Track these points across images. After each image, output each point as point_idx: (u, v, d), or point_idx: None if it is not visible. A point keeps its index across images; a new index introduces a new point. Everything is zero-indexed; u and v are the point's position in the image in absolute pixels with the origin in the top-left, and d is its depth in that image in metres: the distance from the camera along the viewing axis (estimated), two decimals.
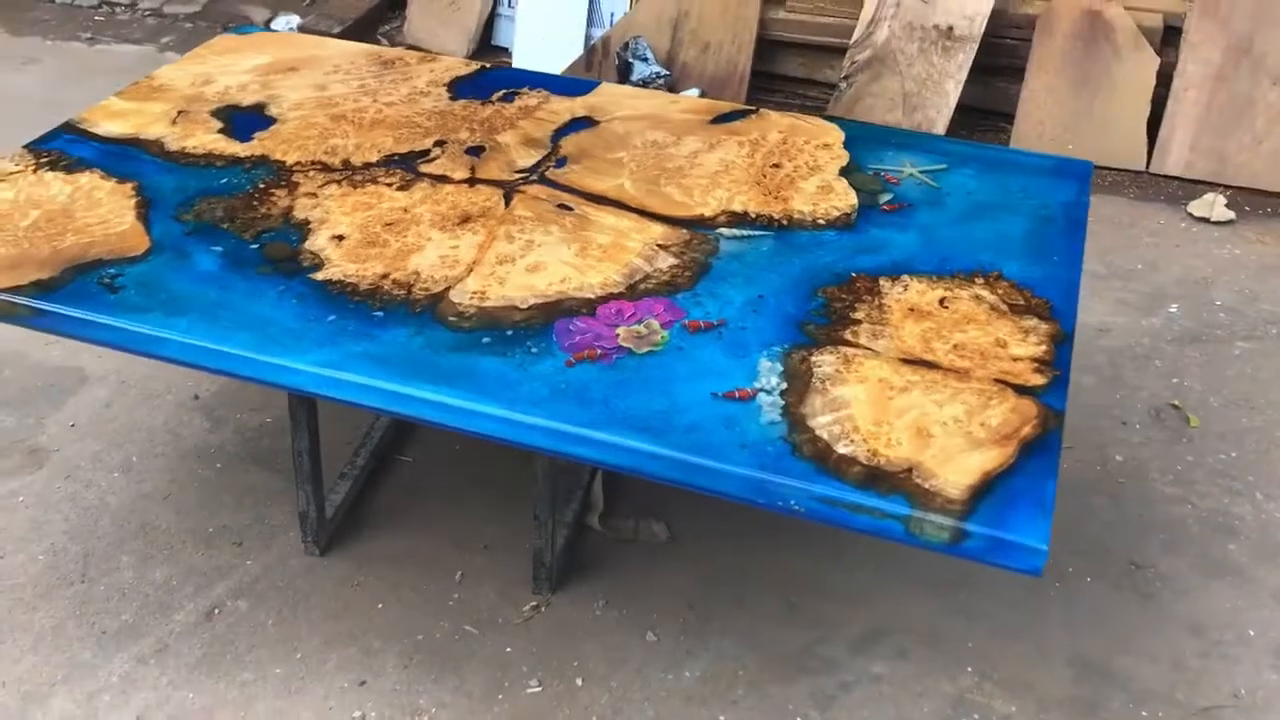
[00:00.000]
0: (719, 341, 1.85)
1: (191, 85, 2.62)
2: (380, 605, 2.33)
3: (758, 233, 2.14)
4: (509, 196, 2.22)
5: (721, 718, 2.14)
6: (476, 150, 2.38)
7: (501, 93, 2.62)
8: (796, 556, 2.46)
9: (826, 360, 1.80)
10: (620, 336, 1.85)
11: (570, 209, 2.19)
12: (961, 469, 1.59)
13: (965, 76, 4.24)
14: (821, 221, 2.18)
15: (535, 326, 1.88)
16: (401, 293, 1.94)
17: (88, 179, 2.25)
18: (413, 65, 2.75)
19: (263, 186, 2.23)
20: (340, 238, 2.08)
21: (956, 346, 1.84)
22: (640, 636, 2.29)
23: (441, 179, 2.28)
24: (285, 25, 4.97)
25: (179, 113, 2.49)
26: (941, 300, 1.95)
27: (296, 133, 2.43)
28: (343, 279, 1.97)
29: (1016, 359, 1.81)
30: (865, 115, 4.36)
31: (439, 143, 2.40)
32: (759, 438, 1.66)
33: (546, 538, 2.31)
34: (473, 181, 2.27)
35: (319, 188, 2.23)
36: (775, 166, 2.35)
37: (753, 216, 2.19)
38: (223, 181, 2.25)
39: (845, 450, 1.63)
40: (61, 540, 2.46)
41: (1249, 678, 2.23)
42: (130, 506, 2.55)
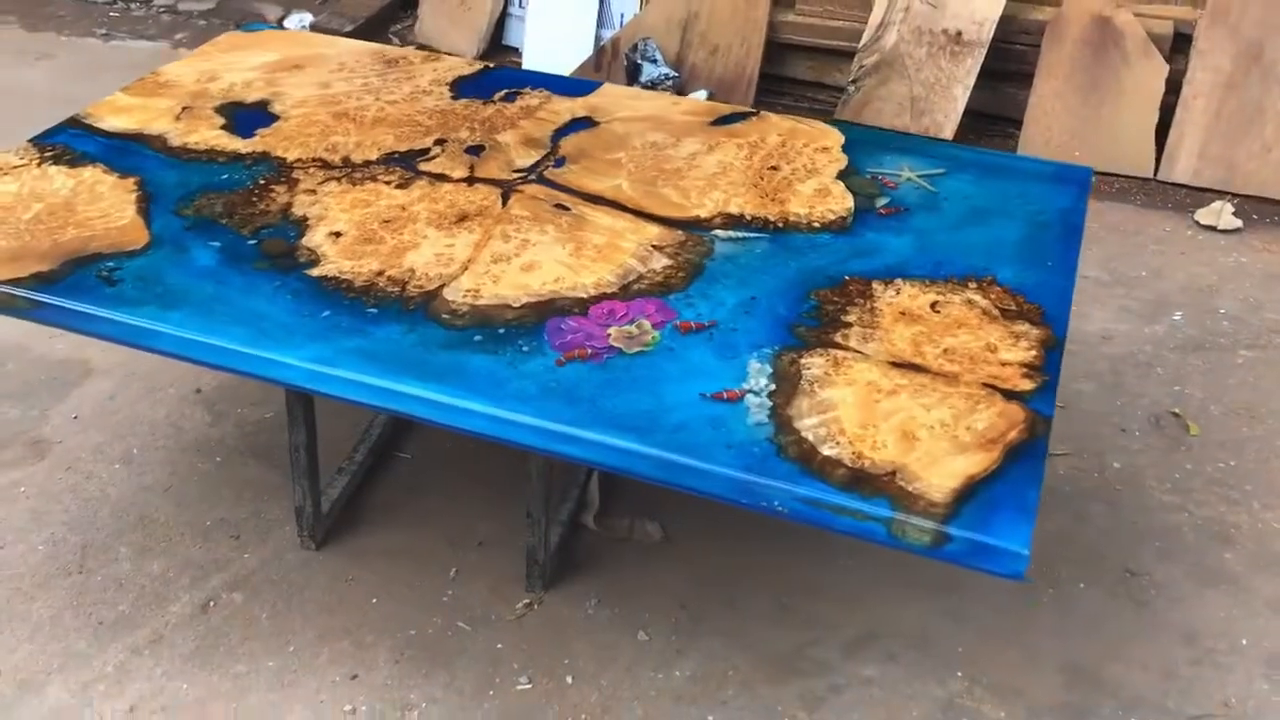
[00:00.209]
0: (710, 343, 1.86)
1: (197, 81, 2.64)
2: (374, 600, 2.35)
3: (753, 235, 2.15)
4: (506, 196, 2.24)
5: (710, 718, 2.14)
6: (476, 149, 2.39)
7: (503, 92, 2.63)
8: (791, 558, 2.46)
9: (816, 363, 1.81)
10: (611, 336, 1.86)
11: (567, 209, 2.20)
12: (945, 472, 1.60)
13: (973, 81, 4.24)
14: (817, 224, 2.19)
15: (527, 325, 1.89)
16: (396, 290, 1.95)
17: (90, 173, 2.27)
18: (416, 64, 2.77)
19: (263, 183, 2.25)
20: (337, 234, 2.10)
21: (946, 351, 1.84)
22: (631, 635, 2.29)
23: (440, 178, 2.29)
24: (298, 23, 5.00)
25: (183, 109, 2.51)
26: (933, 304, 1.95)
27: (298, 130, 2.44)
28: (338, 275, 1.99)
29: (1006, 364, 1.82)
30: (873, 119, 4.36)
31: (439, 141, 2.42)
32: (745, 439, 1.66)
33: (540, 536, 2.32)
34: (471, 180, 2.28)
35: (318, 184, 2.25)
36: (773, 169, 2.36)
37: (748, 219, 2.19)
38: (224, 177, 2.27)
39: (830, 452, 1.63)
40: (61, 531, 2.49)
41: (1240, 687, 2.22)
42: (130, 498, 2.58)
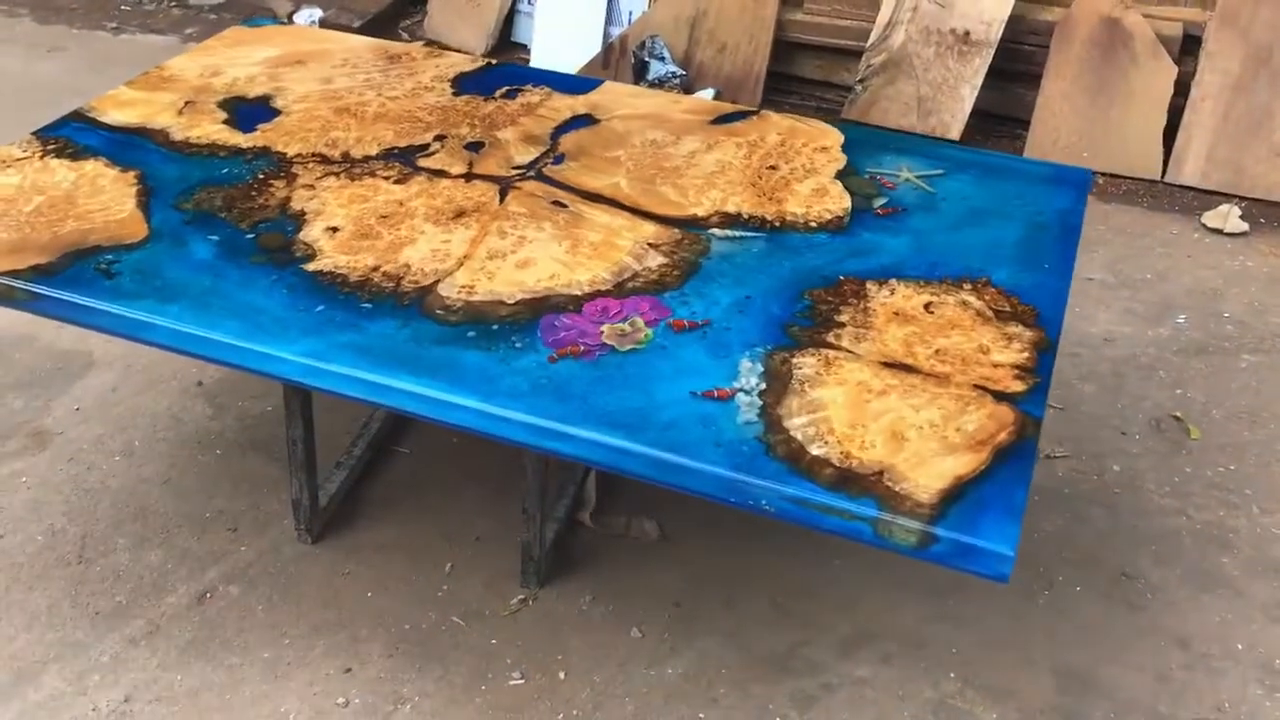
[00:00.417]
0: (702, 341, 1.86)
1: (200, 76, 2.65)
2: (369, 594, 2.36)
3: (749, 234, 2.15)
4: (504, 192, 2.24)
5: (701, 715, 2.15)
6: (476, 146, 2.40)
7: (505, 89, 2.64)
8: (787, 558, 2.46)
9: (807, 362, 1.81)
10: (604, 334, 1.87)
11: (564, 206, 2.20)
12: (933, 473, 1.60)
13: (981, 82, 4.23)
14: (814, 224, 2.18)
15: (521, 322, 1.89)
16: (391, 285, 1.96)
17: (92, 166, 2.28)
18: (419, 60, 2.77)
19: (262, 177, 2.26)
20: (334, 229, 2.10)
21: (938, 351, 1.84)
22: (625, 632, 2.30)
23: (439, 174, 2.30)
24: (308, 18, 5.02)
25: (186, 103, 2.52)
26: (927, 305, 1.95)
27: (299, 125, 2.45)
28: (334, 270, 1.99)
29: (998, 365, 1.81)
30: (880, 119, 4.35)
31: (439, 137, 2.42)
32: (734, 437, 1.66)
33: (535, 532, 2.33)
34: (469, 177, 2.29)
35: (317, 179, 2.26)
36: (771, 168, 2.36)
37: (745, 218, 2.19)
38: (224, 172, 2.28)
39: (818, 452, 1.63)
40: (61, 521, 2.50)
41: (1233, 692, 2.21)
42: (130, 490, 2.59)
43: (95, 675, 2.17)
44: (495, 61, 2.81)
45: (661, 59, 4.58)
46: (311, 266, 2.00)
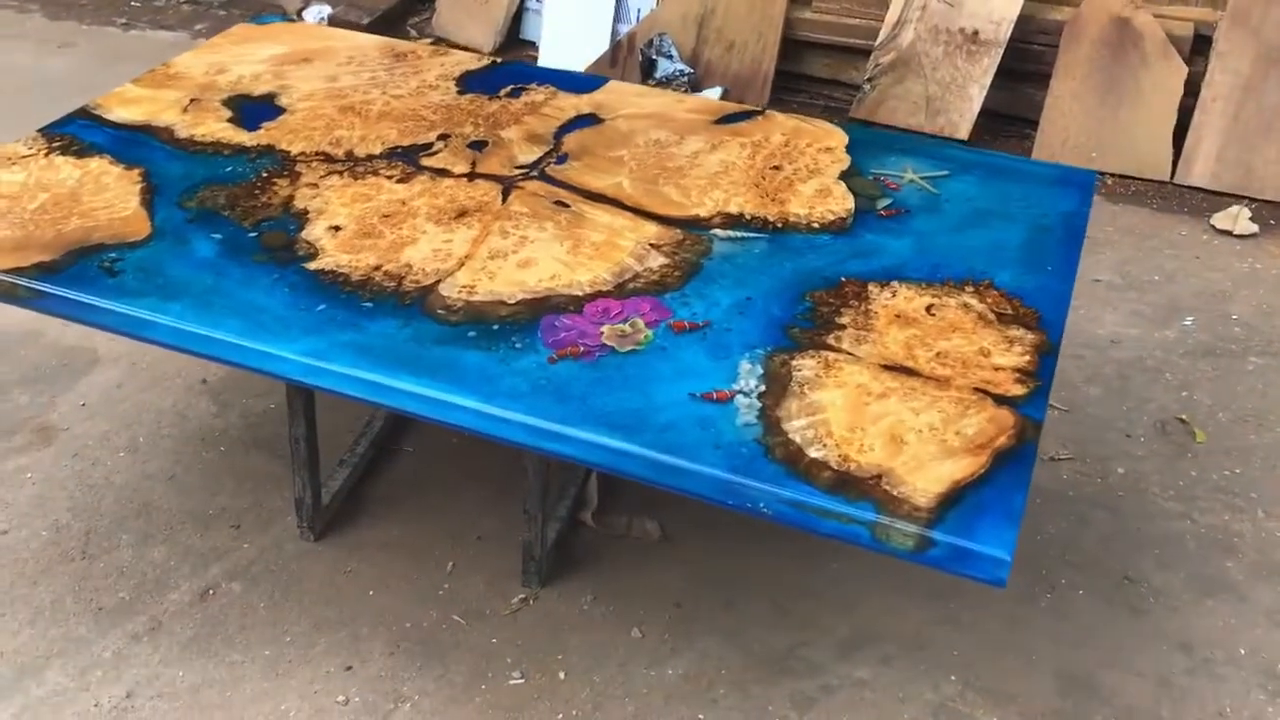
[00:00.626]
0: (702, 342, 1.86)
1: (206, 74, 2.66)
2: (371, 592, 2.36)
3: (752, 235, 2.15)
4: (507, 192, 2.24)
5: (701, 716, 2.15)
6: (479, 145, 2.40)
7: (509, 88, 2.64)
8: (788, 559, 2.46)
9: (807, 364, 1.80)
10: (604, 334, 1.87)
11: (567, 206, 2.20)
12: (932, 477, 1.59)
13: (990, 81, 4.22)
14: (816, 225, 2.18)
15: (521, 322, 1.89)
16: (392, 284, 1.96)
17: (97, 164, 2.29)
18: (424, 59, 2.77)
19: (266, 176, 2.26)
20: (337, 228, 2.11)
21: (939, 354, 1.83)
22: (625, 633, 2.30)
23: (442, 173, 2.30)
24: (316, 15, 5.03)
25: (191, 101, 2.53)
26: (928, 307, 1.95)
27: (303, 123, 2.46)
28: (335, 269, 2.00)
29: (999, 368, 1.81)
30: (888, 118, 4.34)
31: (442, 136, 2.43)
32: (733, 439, 1.66)
33: (537, 532, 2.33)
34: (472, 176, 2.29)
35: (320, 178, 2.26)
36: (775, 169, 2.35)
37: (748, 218, 2.19)
38: (228, 170, 2.29)
39: (817, 454, 1.63)
40: (65, 517, 2.52)
41: (1236, 697, 2.20)
42: (134, 486, 2.60)
43: (97, 671, 2.18)
44: (500, 60, 2.81)
45: (669, 57, 4.57)
46: (313, 265, 2.01)
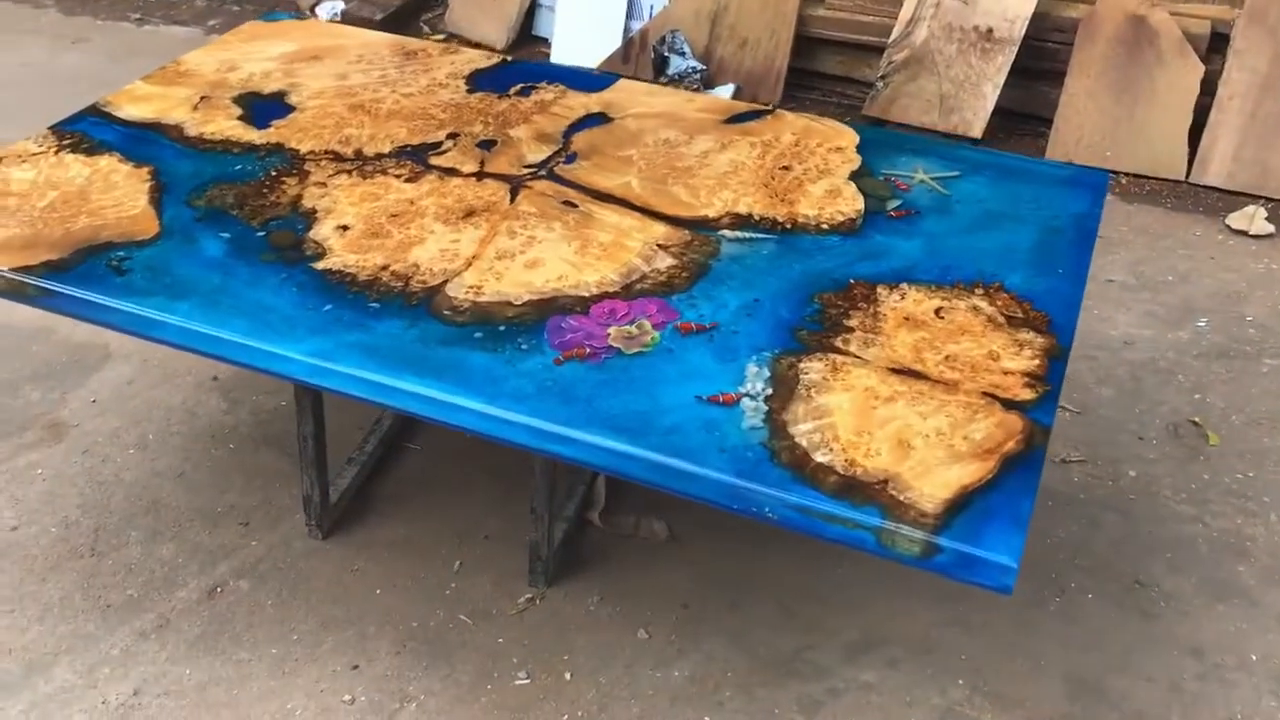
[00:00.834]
0: (709, 344, 1.85)
1: (216, 71, 2.66)
2: (378, 591, 2.36)
3: (760, 236, 2.14)
4: (515, 192, 2.24)
5: (706, 719, 2.14)
6: (488, 144, 2.40)
7: (519, 86, 2.63)
8: (796, 560, 2.45)
9: (814, 367, 1.79)
10: (611, 336, 1.86)
11: (575, 206, 2.19)
12: (938, 482, 1.58)
13: (1004, 79, 4.19)
14: (826, 226, 2.17)
15: (528, 323, 1.89)
16: (399, 285, 1.96)
17: (106, 162, 2.29)
18: (434, 57, 2.77)
19: (275, 174, 2.26)
20: (345, 228, 2.10)
21: (948, 358, 1.82)
22: (632, 634, 2.29)
23: (450, 172, 2.29)
24: (330, 12, 5.03)
25: (201, 98, 2.53)
26: (938, 310, 1.93)
27: (313, 121, 2.46)
28: (343, 269, 2.00)
29: (1008, 372, 1.79)
30: (901, 116, 4.32)
31: (451, 135, 2.42)
32: (738, 443, 1.65)
33: (543, 532, 2.33)
34: (481, 175, 2.29)
35: (329, 177, 2.26)
36: (785, 169, 2.34)
37: (757, 219, 2.18)
38: (237, 168, 2.29)
39: (823, 459, 1.62)
40: (75, 514, 2.52)
41: (1247, 703, 2.19)
42: (143, 483, 2.61)
43: (105, 668, 2.19)
44: (511, 59, 2.80)
45: (682, 54, 4.56)
46: (321, 265, 2.01)
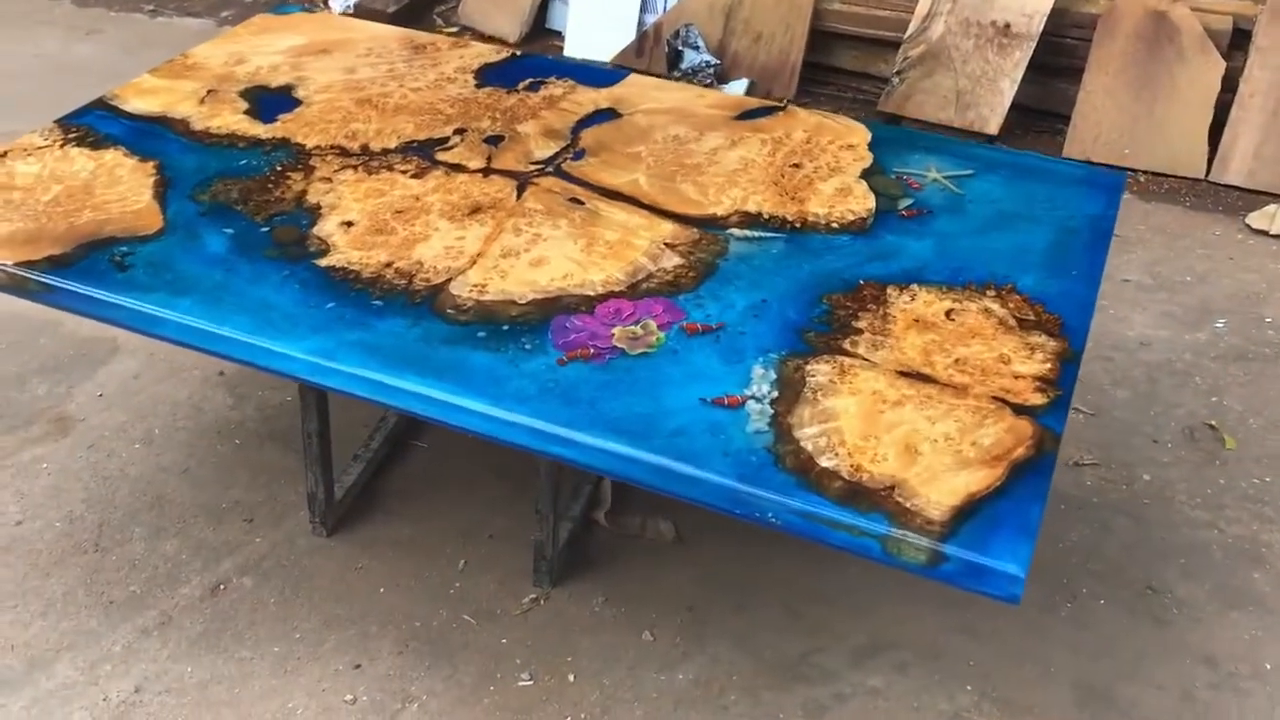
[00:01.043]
0: (715, 345, 1.83)
1: (224, 65, 2.64)
2: (381, 590, 2.35)
3: (769, 235, 2.11)
4: (522, 188, 2.21)
5: None
6: (495, 140, 2.37)
7: (528, 81, 2.61)
8: (803, 563, 2.43)
9: (821, 370, 1.77)
10: (615, 336, 1.83)
11: (582, 203, 2.17)
12: (946, 489, 1.55)
13: (1021, 75, 4.14)
14: (836, 225, 2.14)
15: (532, 322, 1.86)
16: (403, 282, 1.94)
17: (111, 156, 2.28)
18: (443, 51, 2.75)
19: (280, 169, 2.25)
20: (349, 224, 2.08)
21: (958, 361, 1.79)
22: (636, 635, 2.27)
23: (457, 168, 2.27)
24: (342, 4, 5.01)
25: (208, 92, 2.51)
26: (948, 312, 1.90)
27: (320, 116, 2.44)
28: (346, 266, 1.97)
29: (1019, 376, 1.76)
30: (916, 112, 4.28)
31: (459, 131, 2.40)
32: (743, 446, 1.63)
33: (548, 532, 2.31)
34: (487, 172, 2.26)
35: (334, 172, 2.24)
36: (795, 166, 2.31)
37: (766, 217, 2.15)
38: (242, 163, 2.27)
39: (828, 464, 1.59)
40: (79, 509, 2.52)
41: (1260, 714, 2.15)
42: (148, 478, 2.60)
43: (107, 665, 2.18)
44: (520, 53, 2.78)
45: (696, 48, 4.52)
46: (324, 262, 1.99)
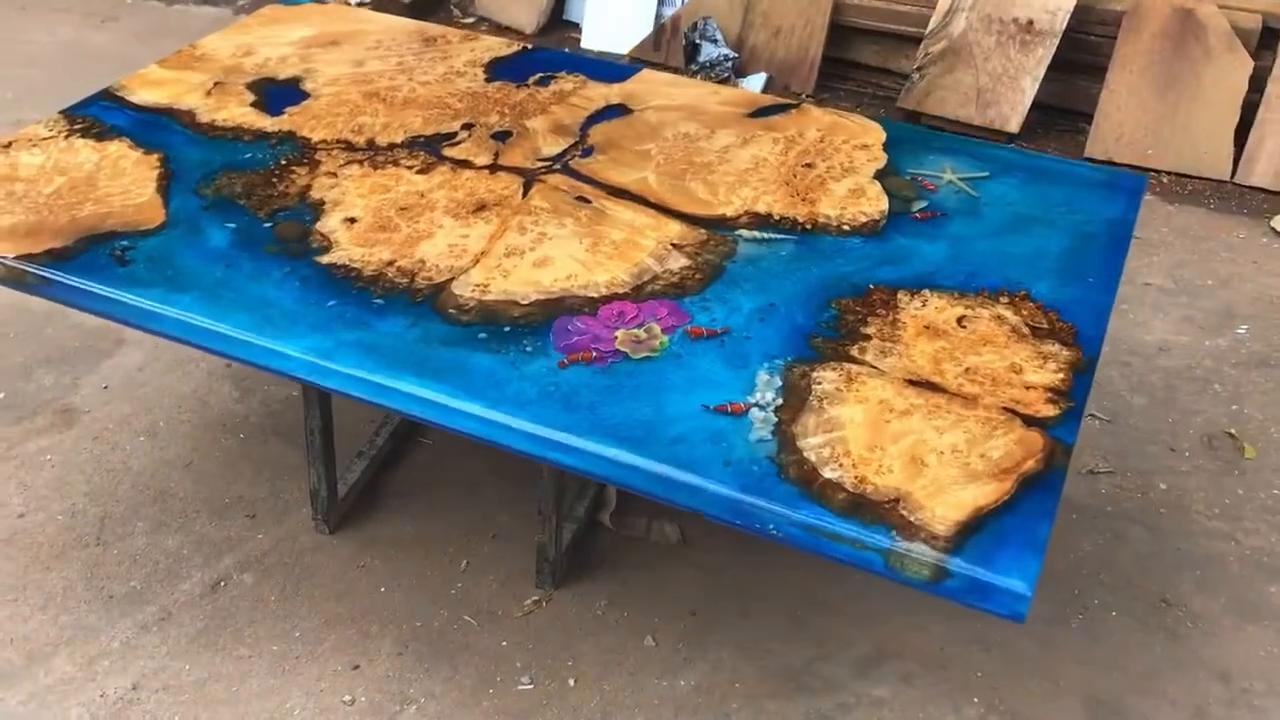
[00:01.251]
0: (720, 350, 1.79)
1: (232, 56, 2.61)
2: (382, 589, 2.33)
3: (779, 236, 2.07)
4: (528, 186, 2.18)
5: None
6: (503, 135, 2.34)
7: (538, 76, 2.57)
8: (809, 569, 2.39)
9: (828, 377, 1.73)
10: (618, 339, 1.80)
11: (588, 202, 2.13)
12: (952, 503, 1.51)
13: (1043, 73, 4.08)
14: (847, 227, 2.09)
15: (534, 324, 1.83)
16: (404, 281, 1.91)
17: (116, 148, 2.26)
18: (453, 44, 2.71)
19: (285, 163, 2.22)
20: (352, 220, 2.06)
21: (968, 370, 1.75)
22: (639, 640, 2.24)
23: (463, 164, 2.24)
24: None
25: (215, 83, 2.49)
26: (960, 319, 1.86)
27: (327, 109, 2.41)
28: (348, 263, 1.95)
29: (1030, 387, 1.72)
30: (937, 109, 4.22)
31: (467, 126, 2.37)
32: (745, 456, 1.59)
33: (551, 533, 2.28)
34: (494, 168, 2.23)
35: (340, 167, 2.21)
36: (808, 166, 2.27)
37: (776, 218, 2.11)
38: (247, 156, 2.24)
39: (832, 475, 1.55)
40: (82, 502, 2.50)
41: None
42: (151, 472, 2.58)
43: (105, 661, 2.17)
44: (530, 47, 2.74)
45: (714, 41, 4.48)
46: (326, 259, 1.96)
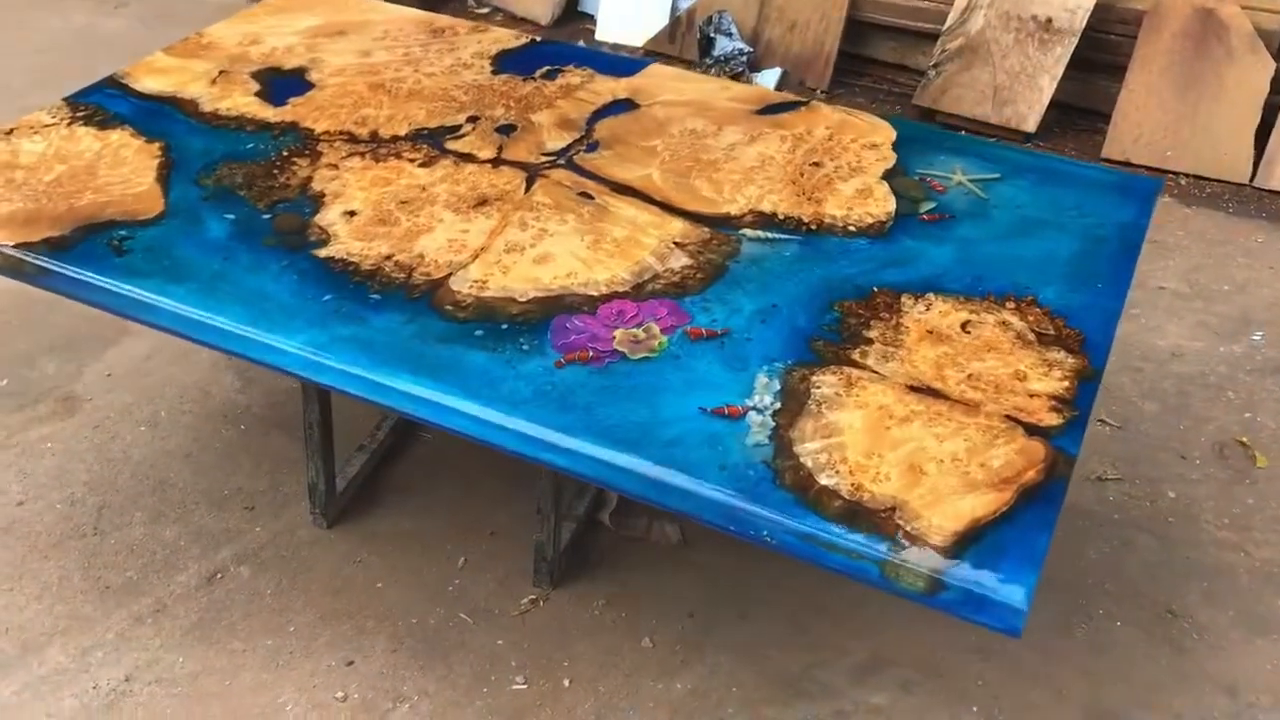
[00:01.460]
0: (719, 352, 1.76)
1: (239, 45, 2.60)
2: (379, 585, 2.31)
3: (783, 236, 2.04)
4: (531, 180, 2.15)
5: None
6: (508, 129, 2.31)
7: (545, 69, 2.55)
8: (809, 573, 2.34)
9: (828, 381, 1.70)
10: (616, 339, 1.78)
11: (591, 198, 2.11)
12: (949, 513, 1.48)
13: (1062, 72, 4.03)
14: (853, 228, 2.06)
15: (532, 321, 1.81)
16: (402, 276, 1.89)
17: (118, 136, 2.24)
18: (461, 35, 2.69)
19: (286, 154, 2.20)
20: (352, 213, 2.04)
21: (971, 376, 1.72)
22: (636, 641, 2.22)
23: (466, 157, 2.22)
24: None
25: (220, 73, 2.47)
26: (964, 324, 1.83)
27: (331, 100, 2.39)
28: (346, 257, 1.93)
29: (1034, 395, 1.69)
30: (953, 107, 4.18)
31: (471, 119, 2.34)
32: (741, 460, 1.57)
33: (549, 532, 2.26)
34: (498, 162, 2.21)
35: (341, 159, 2.19)
36: (815, 165, 2.24)
37: (781, 218, 2.08)
38: (249, 146, 2.23)
39: (828, 482, 1.53)
40: (81, 491, 2.49)
41: None
42: (151, 462, 2.58)
43: (99, 652, 2.16)
44: (539, 39, 2.71)
45: (729, 35, 4.44)
46: (324, 253, 1.94)
